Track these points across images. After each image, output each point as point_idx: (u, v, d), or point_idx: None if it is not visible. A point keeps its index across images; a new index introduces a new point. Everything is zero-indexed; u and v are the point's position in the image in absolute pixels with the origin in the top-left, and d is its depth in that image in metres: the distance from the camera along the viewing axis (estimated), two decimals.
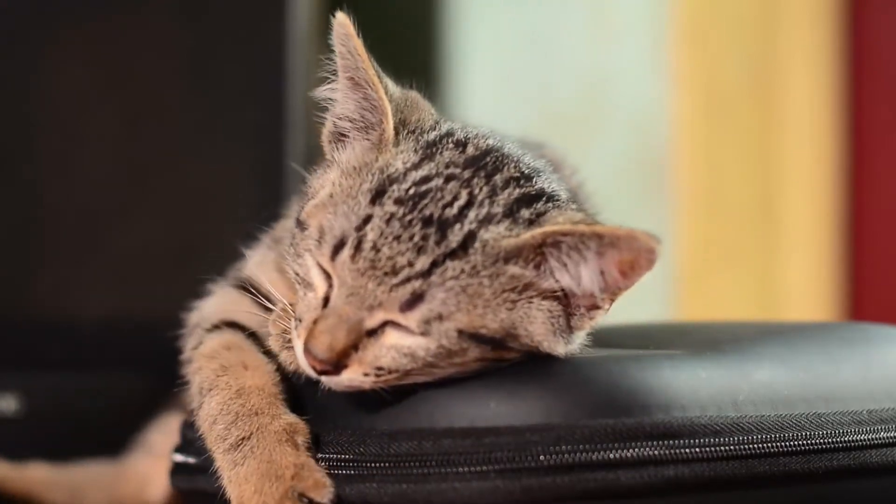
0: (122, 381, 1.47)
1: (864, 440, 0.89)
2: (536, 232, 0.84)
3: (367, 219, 0.84)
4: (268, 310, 0.93)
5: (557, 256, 0.84)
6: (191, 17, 1.57)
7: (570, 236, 0.83)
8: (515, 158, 0.90)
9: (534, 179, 0.89)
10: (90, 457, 1.32)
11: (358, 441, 0.85)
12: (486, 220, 0.84)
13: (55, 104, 1.54)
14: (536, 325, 0.85)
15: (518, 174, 0.88)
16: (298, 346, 0.85)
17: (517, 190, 0.87)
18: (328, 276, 0.85)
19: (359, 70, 0.90)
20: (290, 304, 0.89)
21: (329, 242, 0.85)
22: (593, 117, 2.23)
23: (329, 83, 0.92)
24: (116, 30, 1.56)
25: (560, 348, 0.86)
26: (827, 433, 0.88)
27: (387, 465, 0.84)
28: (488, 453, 0.82)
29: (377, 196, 0.85)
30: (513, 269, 0.84)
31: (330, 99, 0.93)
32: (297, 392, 0.90)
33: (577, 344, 0.88)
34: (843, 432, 0.89)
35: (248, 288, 0.97)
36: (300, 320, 0.86)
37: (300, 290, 0.87)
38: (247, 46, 1.58)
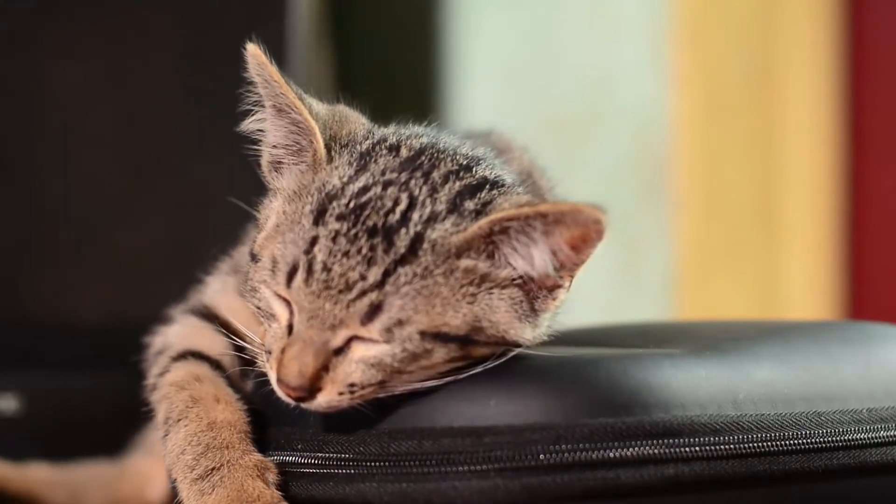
0: (121, 381, 1.47)
1: (864, 439, 0.89)
2: (482, 222, 0.84)
3: (314, 240, 0.84)
4: (229, 338, 0.93)
5: (508, 242, 0.84)
6: (191, 17, 1.57)
7: (515, 220, 0.83)
8: (451, 151, 0.90)
9: (473, 169, 0.89)
10: (90, 457, 1.32)
11: (358, 440, 0.85)
12: (431, 220, 0.84)
13: (55, 105, 1.54)
14: (500, 315, 0.85)
15: (456, 167, 0.88)
16: (272, 377, 0.85)
17: (457, 183, 0.87)
18: (288, 304, 0.85)
19: (279, 96, 0.89)
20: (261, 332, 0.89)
21: (282, 270, 0.85)
22: (593, 117, 2.23)
23: (254, 115, 0.92)
24: (115, 30, 1.56)
25: (527, 333, 0.86)
26: (826, 432, 0.88)
27: (387, 464, 0.84)
28: (488, 452, 0.82)
29: (319, 216, 0.85)
30: (466, 262, 0.84)
31: (259, 130, 0.92)
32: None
33: (544, 326, 0.88)
34: (842, 431, 0.89)
35: (210, 316, 0.98)
36: (269, 352, 0.86)
37: (265, 323, 0.87)
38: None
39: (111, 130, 1.55)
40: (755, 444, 0.85)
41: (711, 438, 0.84)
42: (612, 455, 0.82)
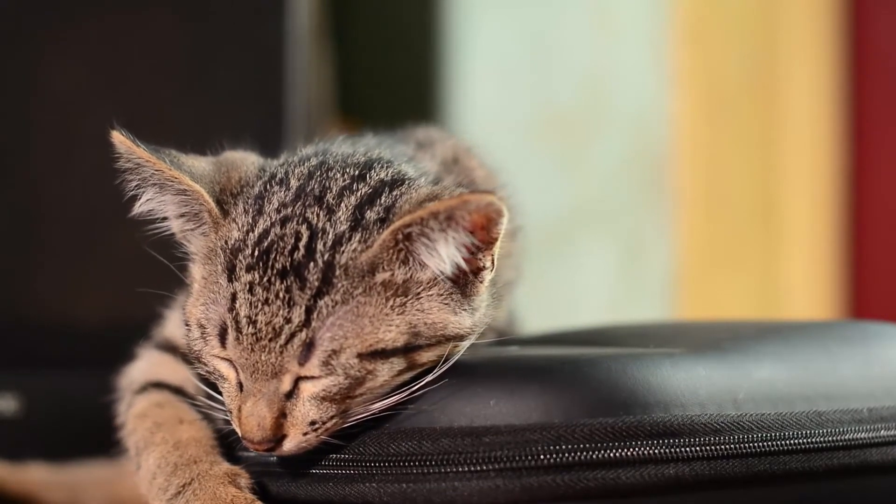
0: None
1: (865, 438, 0.89)
2: (384, 235, 0.83)
3: (234, 297, 0.84)
4: (191, 367, 0.93)
5: (415, 246, 0.84)
6: (191, 16, 1.57)
7: (413, 225, 0.83)
8: (341, 165, 0.89)
9: (367, 175, 0.88)
10: (90, 457, 1.32)
11: (358, 441, 0.85)
12: (336, 244, 0.84)
13: (54, 104, 1.54)
14: (434, 314, 0.85)
15: (348, 180, 0.87)
16: (240, 434, 0.85)
17: (352, 197, 0.86)
18: (231, 363, 0.85)
19: (155, 174, 0.89)
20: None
21: (213, 334, 0.85)
22: (593, 117, 2.23)
23: (141, 198, 0.91)
24: (115, 29, 1.56)
25: (467, 322, 0.86)
26: (827, 431, 0.88)
27: (386, 464, 0.84)
28: (488, 452, 0.82)
29: (231, 272, 0.85)
30: (382, 276, 0.84)
31: (152, 210, 0.92)
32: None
33: (483, 308, 0.88)
34: (843, 430, 0.89)
35: (171, 348, 0.98)
36: (231, 412, 0.86)
37: (220, 385, 0.88)
38: (247, 46, 1.58)
39: (110, 131, 1.55)
40: (755, 444, 0.85)
41: (711, 438, 0.84)
42: (612, 455, 0.82)
